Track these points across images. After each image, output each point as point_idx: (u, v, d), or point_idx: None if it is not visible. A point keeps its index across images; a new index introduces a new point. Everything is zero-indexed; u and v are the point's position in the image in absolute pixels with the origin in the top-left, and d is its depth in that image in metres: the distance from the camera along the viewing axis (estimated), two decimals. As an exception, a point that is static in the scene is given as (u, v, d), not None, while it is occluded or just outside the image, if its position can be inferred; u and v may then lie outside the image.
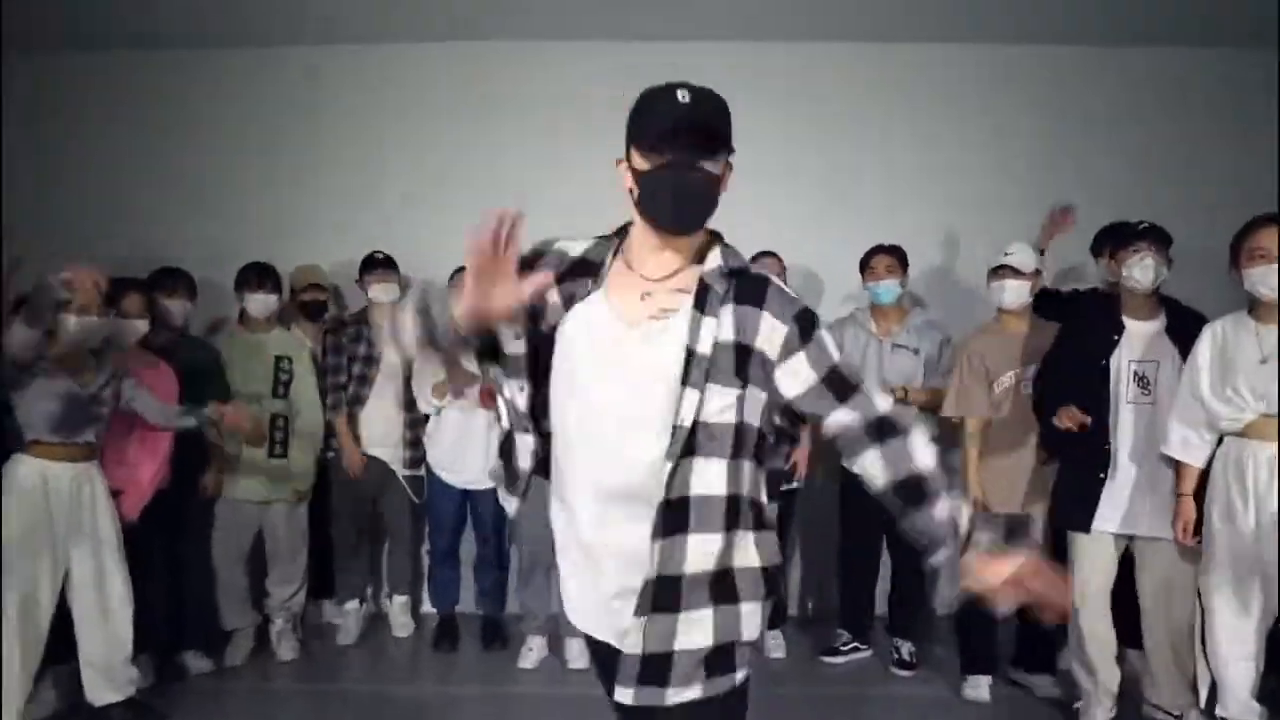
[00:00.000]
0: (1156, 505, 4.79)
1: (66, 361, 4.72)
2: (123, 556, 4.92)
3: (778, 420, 2.55)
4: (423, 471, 6.48)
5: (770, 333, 2.36)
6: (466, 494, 6.36)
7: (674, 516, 2.34)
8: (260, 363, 6.12)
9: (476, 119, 7.36)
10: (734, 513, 2.41)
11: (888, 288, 6.02)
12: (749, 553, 2.45)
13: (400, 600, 6.73)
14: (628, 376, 2.40)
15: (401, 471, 6.46)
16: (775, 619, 6.20)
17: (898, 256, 6.09)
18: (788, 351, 2.36)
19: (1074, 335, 5.12)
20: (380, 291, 6.38)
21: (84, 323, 4.65)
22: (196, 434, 5.53)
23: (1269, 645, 4.60)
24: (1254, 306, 4.46)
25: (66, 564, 4.73)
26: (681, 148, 2.32)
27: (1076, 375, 4.94)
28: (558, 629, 6.04)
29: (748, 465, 2.44)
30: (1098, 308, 5.21)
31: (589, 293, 2.49)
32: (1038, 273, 5.54)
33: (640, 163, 2.37)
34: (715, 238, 2.51)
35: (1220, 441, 4.58)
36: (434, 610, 6.74)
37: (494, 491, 6.05)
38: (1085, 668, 5.02)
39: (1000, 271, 5.47)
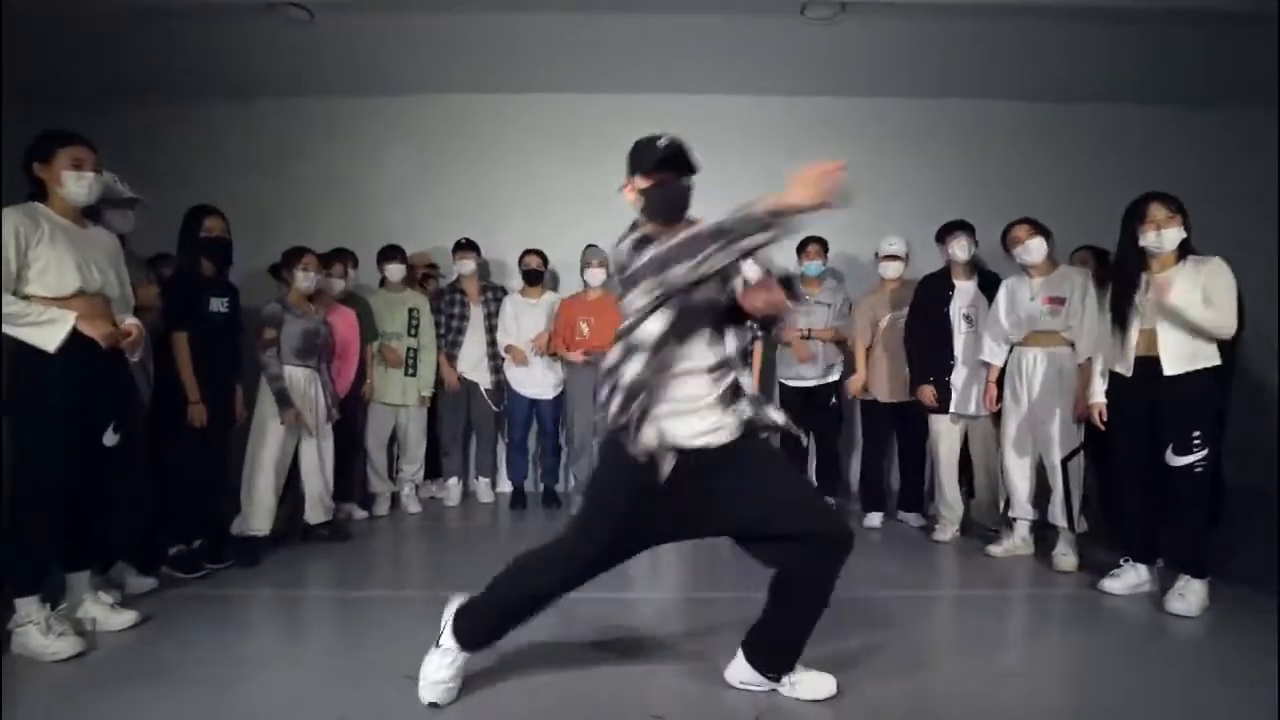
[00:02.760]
0: (978, 395, 6.61)
1: (299, 302, 6.58)
2: (330, 433, 6.71)
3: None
4: (499, 388, 8.25)
5: None
6: (533, 402, 8.20)
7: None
8: (400, 312, 7.86)
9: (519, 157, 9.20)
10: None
11: (814, 265, 7.61)
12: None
13: (484, 480, 8.59)
14: None
15: (485, 389, 8.23)
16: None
17: (822, 244, 7.60)
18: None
19: (925, 293, 7.00)
20: (463, 265, 8.18)
21: (307, 276, 6.58)
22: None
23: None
24: (1026, 269, 6.14)
25: (299, 434, 6.52)
26: (664, 173, 3.51)
27: (929, 318, 6.89)
28: None
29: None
30: (939, 276, 7.04)
31: None
32: (907, 256, 7.44)
33: (641, 183, 3.55)
34: None
35: (1011, 350, 6.25)
36: (507, 489, 8.47)
37: (554, 400, 8.11)
38: (943, 504, 6.94)
39: (885, 257, 7.44)
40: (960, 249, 6.86)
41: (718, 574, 5.87)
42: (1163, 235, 5.10)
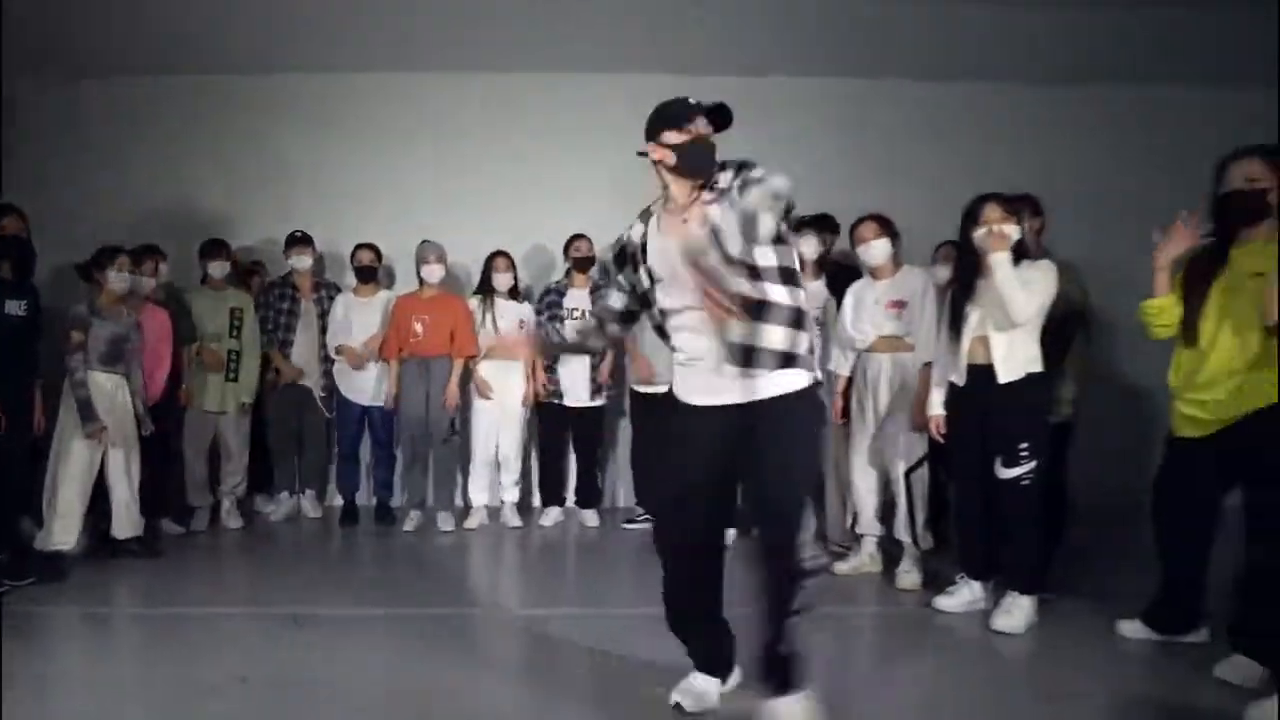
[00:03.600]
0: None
1: (109, 305, 6.39)
2: (138, 443, 6.56)
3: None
4: (332, 393, 8.12)
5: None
6: (365, 409, 8.05)
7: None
8: (221, 312, 7.67)
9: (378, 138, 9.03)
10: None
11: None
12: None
13: (311, 492, 8.43)
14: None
15: (317, 394, 8.12)
16: None
17: None
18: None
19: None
20: (299, 260, 8.02)
21: (121, 277, 6.43)
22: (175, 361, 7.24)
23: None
24: (872, 271, 6.13)
25: (105, 444, 6.34)
26: (701, 124, 3.59)
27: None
28: (431, 508, 7.88)
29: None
30: None
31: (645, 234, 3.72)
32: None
33: (675, 138, 3.60)
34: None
35: (859, 358, 6.23)
36: (339, 503, 8.31)
37: (385, 407, 7.91)
38: None
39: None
40: (808, 247, 6.85)
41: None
42: (992, 234, 5.08)
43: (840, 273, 6.95)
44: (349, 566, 6.92)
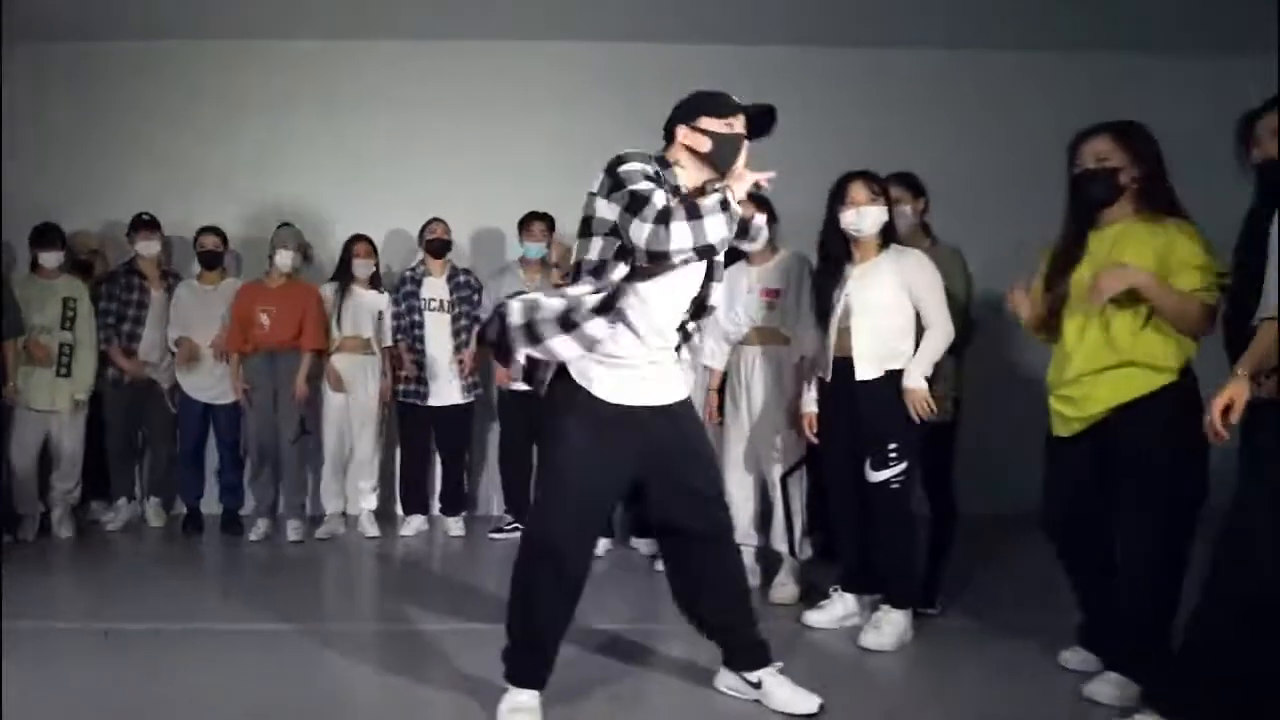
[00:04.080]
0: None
1: None
2: None
3: None
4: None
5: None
6: (208, 407, 7.41)
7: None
8: (52, 302, 7.08)
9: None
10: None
11: (537, 247, 7.19)
12: None
13: (155, 500, 7.77)
14: None
15: (164, 387, 7.48)
16: None
17: (548, 222, 7.19)
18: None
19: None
20: (145, 246, 7.40)
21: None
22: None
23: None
24: (747, 256, 5.48)
25: None
26: (740, 122, 3.60)
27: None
28: (280, 514, 7.28)
29: None
30: None
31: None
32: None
33: (717, 127, 3.58)
34: None
35: (733, 351, 5.70)
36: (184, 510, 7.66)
37: (232, 405, 7.33)
38: None
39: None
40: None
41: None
42: (862, 214, 4.71)
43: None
44: (180, 579, 6.24)
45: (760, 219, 3.84)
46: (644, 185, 3.32)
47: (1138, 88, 7.56)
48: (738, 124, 3.58)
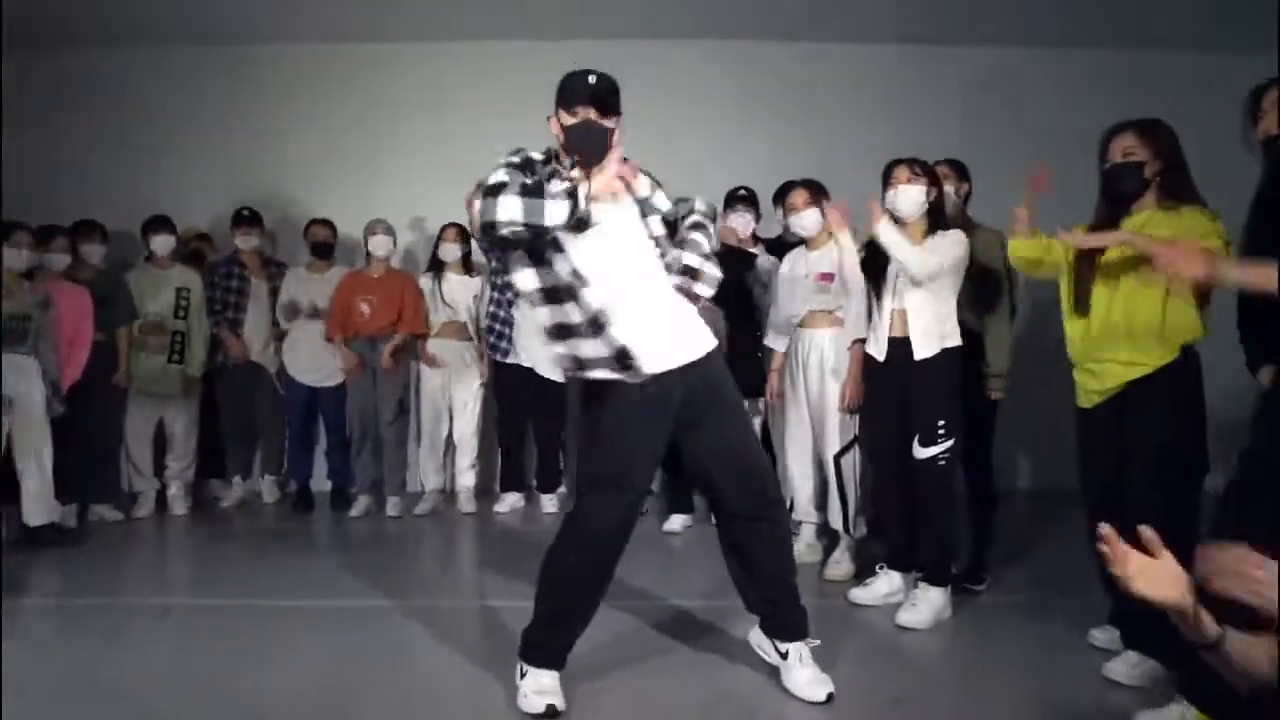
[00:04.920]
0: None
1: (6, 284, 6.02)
2: (48, 424, 6.18)
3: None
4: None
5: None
6: (314, 391, 7.55)
7: None
8: (165, 291, 7.22)
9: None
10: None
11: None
12: None
13: (269, 477, 7.97)
14: None
15: (271, 372, 7.65)
16: None
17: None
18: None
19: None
20: (244, 241, 7.57)
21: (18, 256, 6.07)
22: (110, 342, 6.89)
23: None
24: (805, 242, 5.65)
25: (8, 428, 6.02)
26: (588, 110, 3.45)
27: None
28: (380, 492, 7.38)
29: None
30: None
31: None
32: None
33: (566, 119, 3.49)
34: None
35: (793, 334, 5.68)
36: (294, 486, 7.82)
37: (335, 388, 7.46)
38: None
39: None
40: (740, 222, 6.64)
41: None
42: (899, 193, 4.72)
43: (780, 243, 6.55)
44: (280, 556, 6.31)
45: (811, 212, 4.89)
46: (496, 172, 3.33)
47: (1173, 85, 7.63)
48: (585, 111, 3.48)
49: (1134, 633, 3.94)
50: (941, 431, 4.67)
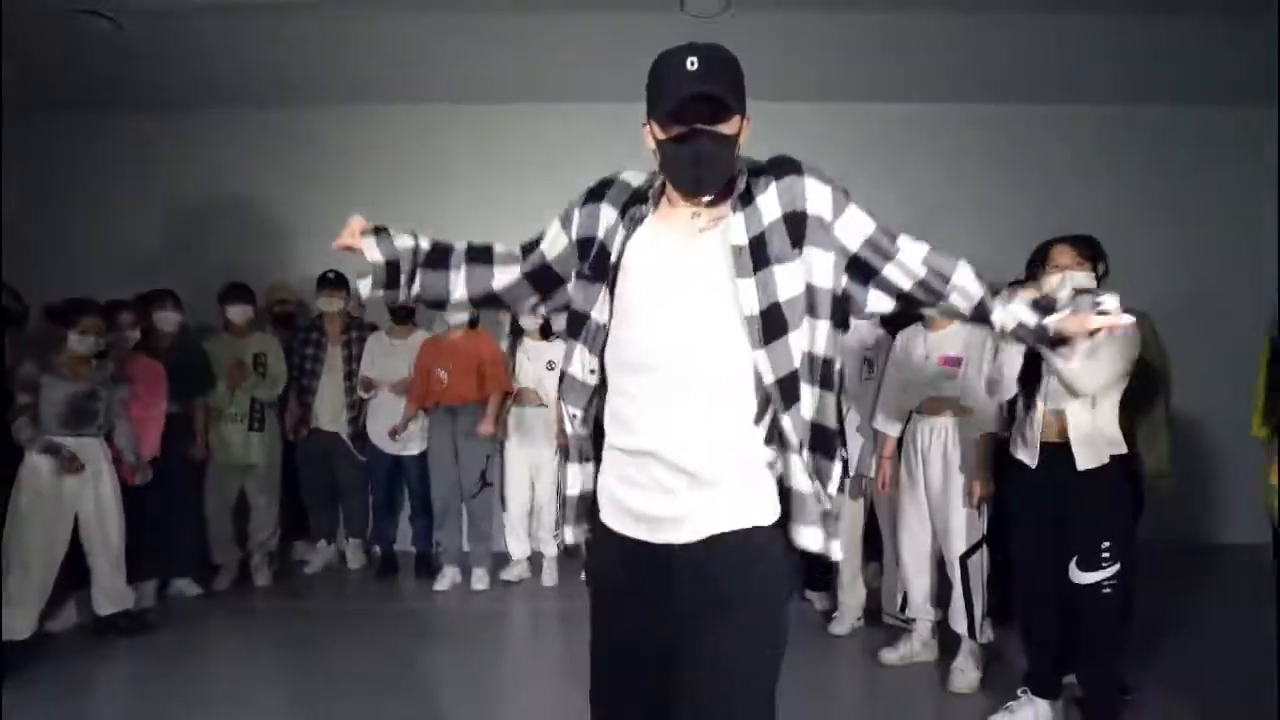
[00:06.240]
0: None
1: (72, 366, 5.67)
2: (119, 506, 5.78)
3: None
4: (362, 437, 7.27)
5: (816, 194, 2.22)
6: (397, 459, 7.21)
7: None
8: (243, 359, 6.93)
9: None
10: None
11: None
12: None
13: (354, 541, 7.61)
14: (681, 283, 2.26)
15: (345, 438, 7.25)
16: None
17: None
18: (839, 207, 2.24)
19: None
20: (327, 304, 7.24)
21: (84, 340, 5.67)
22: (186, 414, 6.57)
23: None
24: (924, 320, 5.03)
25: (74, 508, 5.61)
26: (691, 119, 2.20)
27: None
28: (467, 561, 6.96)
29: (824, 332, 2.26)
30: None
31: (644, 217, 2.34)
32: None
33: (658, 132, 2.26)
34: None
35: (909, 420, 5.17)
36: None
37: (418, 456, 7.11)
38: (840, 589, 5.82)
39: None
40: None
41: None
42: (1067, 280, 4.02)
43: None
44: (363, 646, 5.81)
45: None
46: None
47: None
48: (675, 127, 2.24)
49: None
50: (1106, 555, 4.09)
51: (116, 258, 7.73)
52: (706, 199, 2.28)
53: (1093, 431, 4.09)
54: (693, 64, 2.16)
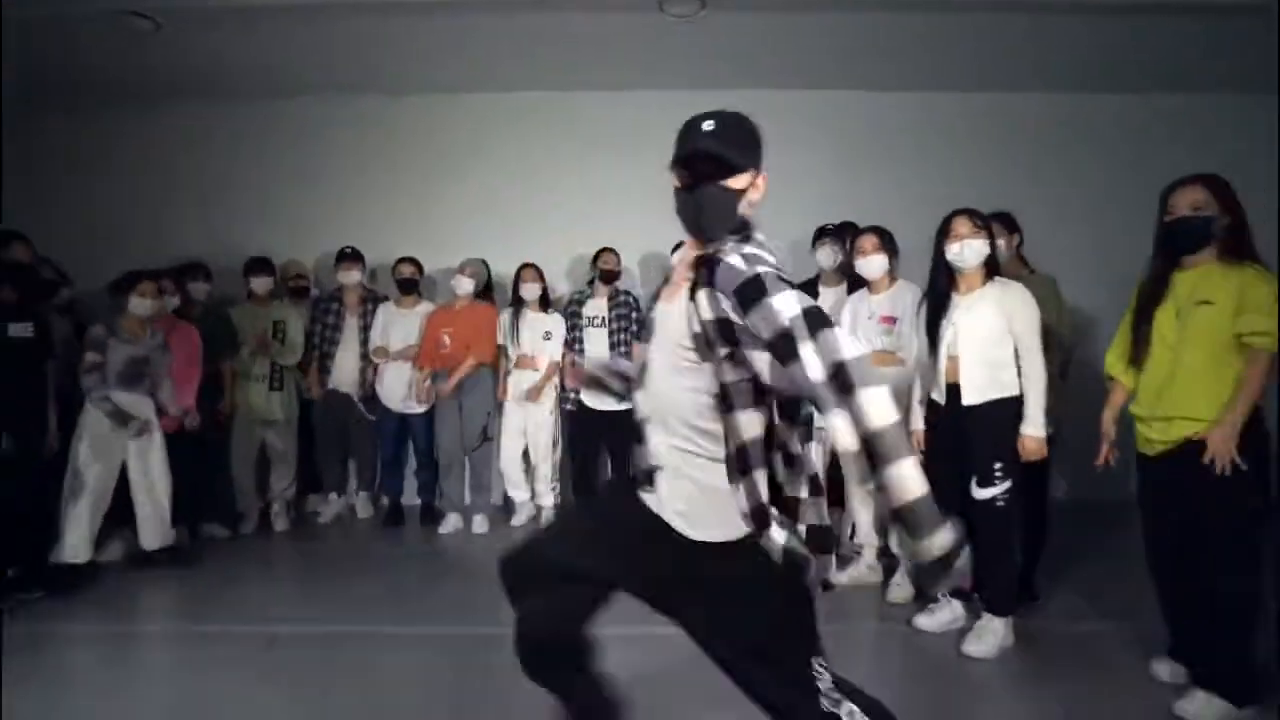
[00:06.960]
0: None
1: (131, 329, 6.27)
2: (164, 455, 6.35)
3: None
4: (374, 399, 7.75)
5: (725, 306, 2.31)
6: (404, 417, 7.69)
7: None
8: (263, 325, 7.50)
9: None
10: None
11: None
12: None
13: (363, 494, 8.17)
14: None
15: (357, 400, 7.78)
16: None
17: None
18: (740, 318, 2.28)
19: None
20: (345, 276, 7.76)
21: (142, 303, 6.27)
22: (217, 374, 7.18)
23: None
24: (869, 285, 5.70)
25: (123, 456, 6.20)
26: (699, 170, 2.44)
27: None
28: (469, 510, 7.55)
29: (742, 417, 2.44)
30: (807, 285, 6.56)
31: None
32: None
33: (675, 180, 2.51)
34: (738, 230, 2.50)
35: None
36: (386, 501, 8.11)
37: (424, 415, 7.62)
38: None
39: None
40: (825, 257, 6.53)
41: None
42: (964, 247, 4.68)
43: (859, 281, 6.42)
44: (388, 573, 6.44)
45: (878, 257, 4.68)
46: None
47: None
48: (685, 176, 2.52)
49: (1204, 672, 3.95)
50: (999, 474, 4.66)
51: (148, 238, 8.28)
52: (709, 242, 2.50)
53: (977, 375, 4.68)
54: (709, 125, 2.43)
